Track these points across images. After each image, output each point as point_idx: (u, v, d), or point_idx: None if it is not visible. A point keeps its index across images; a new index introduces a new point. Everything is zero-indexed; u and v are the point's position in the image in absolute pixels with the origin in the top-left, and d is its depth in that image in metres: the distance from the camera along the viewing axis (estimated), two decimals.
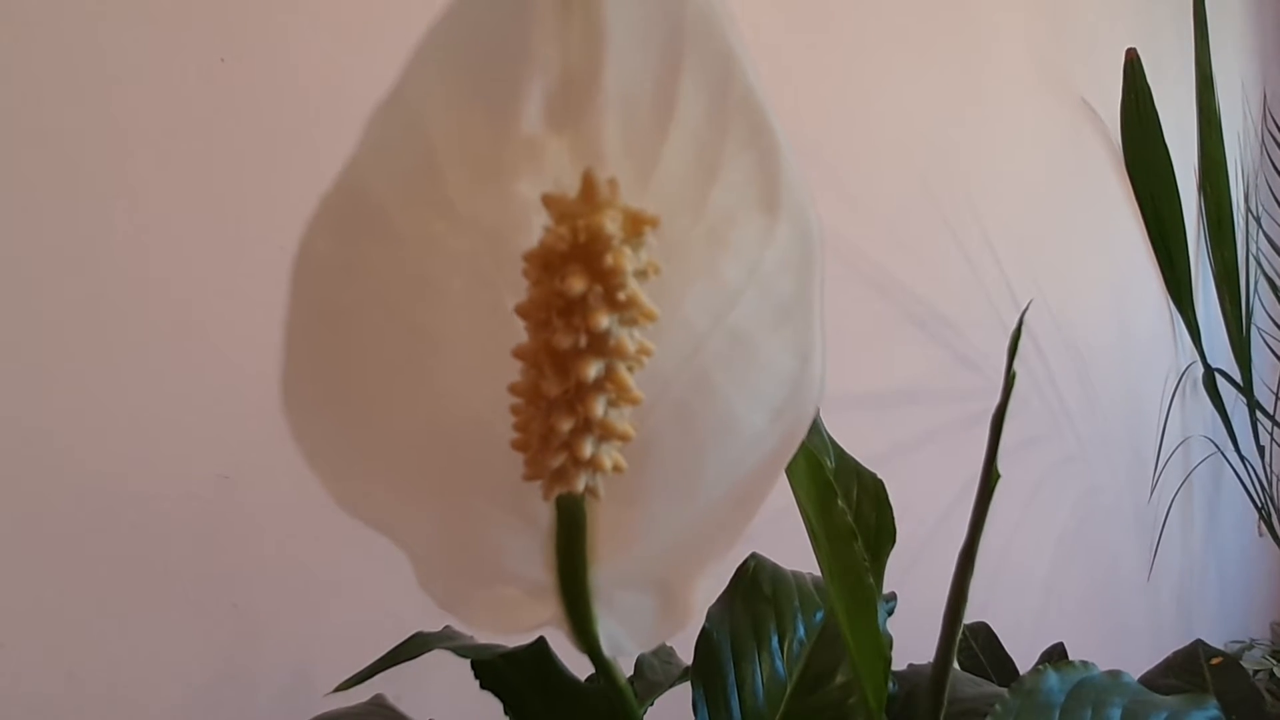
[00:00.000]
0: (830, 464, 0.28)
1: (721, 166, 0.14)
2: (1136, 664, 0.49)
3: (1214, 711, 0.24)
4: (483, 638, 0.32)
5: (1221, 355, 1.30)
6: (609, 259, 0.13)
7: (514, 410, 0.14)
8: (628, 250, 0.13)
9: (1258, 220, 1.49)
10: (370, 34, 0.56)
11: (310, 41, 0.54)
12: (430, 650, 0.31)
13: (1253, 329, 1.30)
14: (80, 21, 0.45)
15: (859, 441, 0.42)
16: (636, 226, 0.13)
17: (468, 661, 0.31)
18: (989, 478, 0.21)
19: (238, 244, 0.51)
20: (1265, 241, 1.45)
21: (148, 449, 0.47)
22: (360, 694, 0.35)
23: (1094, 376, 1.24)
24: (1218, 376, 1.25)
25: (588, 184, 0.13)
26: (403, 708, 0.36)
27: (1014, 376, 0.20)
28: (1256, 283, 1.38)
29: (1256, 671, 1.32)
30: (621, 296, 0.13)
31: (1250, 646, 1.46)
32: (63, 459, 0.44)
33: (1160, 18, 1.44)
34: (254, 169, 0.51)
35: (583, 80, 0.13)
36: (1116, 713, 0.23)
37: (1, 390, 0.42)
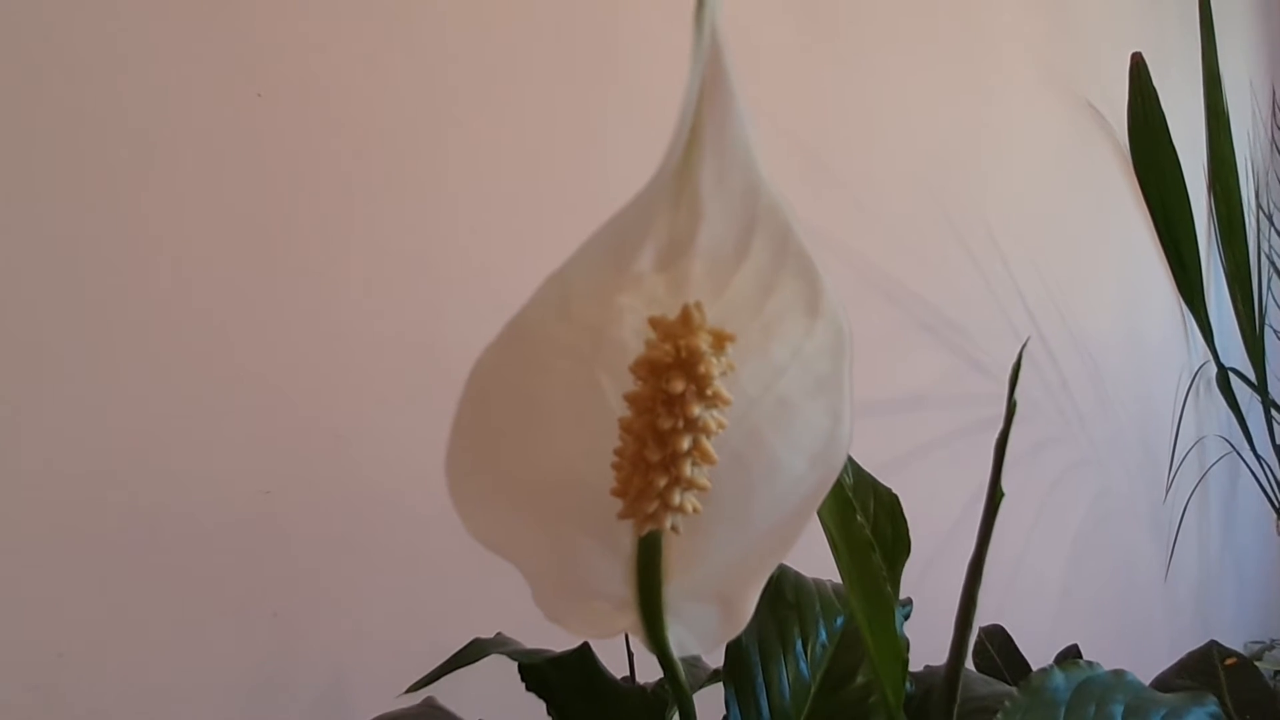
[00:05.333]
0: (849, 480, 0.30)
1: (777, 287, 0.19)
2: (1154, 665, 0.50)
3: (1213, 708, 0.25)
4: (529, 640, 0.34)
5: (1235, 354, 1.29)
6: (701, 368, 0.18)
7: (616, 468, 0.18)
8: (714, 359, 0.18)
9: (1269, 218, 1.49)
10: (399, 69, 0.58)
11: (342, 76, 0.56)
12: (488, 655, 0.33)
13: (1267, 328, 1.30)
14: (126, 59, 0.48)
15: (874, 448, 0.44)
16: (720, 343, 0.18)
17: (496, 668, 0.33)
18: (994, 496, 0.23)
19: (274, 270, 0.53)
20: (1278, 239, 1.44)
21: (192, 467, 0.49)
22: (399, 696, 0.37)
23: (1106, 378, 1.24)
24: (1231, 376, 1.25)
25: (686, 313, 0.18)
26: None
27: (1014, 406, 0.22)
28: (1269, 281, 1.38)
29: (1277, 672, 1.31)
30: (709, 392, 0.18)
31: (1271, 647, 1.45)
32: (113, 479, 0.46)
33: (1165, 18, 1.44)
34: (289, 198, 0.54)
35: (682, 243, 0.19)
36: (1119, 709, 0.24)
37: (55, 415, 0.45)
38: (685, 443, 0.17)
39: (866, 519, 0.28)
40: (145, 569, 0.47)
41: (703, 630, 0.20)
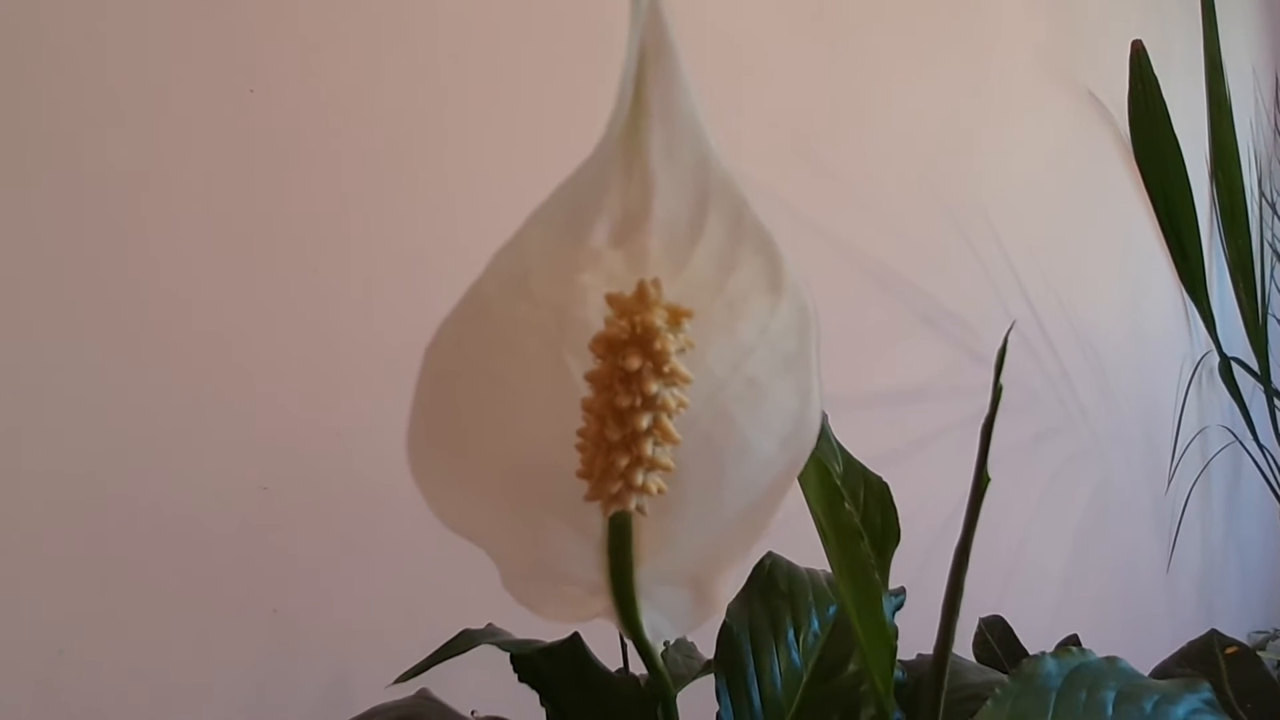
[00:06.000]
0: (838, 468, 0.30)
1: (737, 264, 0.19)
2: (1156, 656, 0.50)
3: (1207, 695, 0.25)
4: (522, 633, 0.34)
5: (1238, 344, 1.29)
6: (657, 344, 0.17)
7: (579, 448, 0.18)
8: (671, 336, 0.17)
9: (1272, 206, 1.48)
10: (395, 66, 0.58)
11: (337, 73, 0.56)
12: (477, 646, 0.33)
13: (1269, 317, 1.29)
14: (119, 56, 0.48)
15: (873, 440, 0.43)
16: (677, 318, 0.18)
17: (490, 659, 0.33)
18: (980, 482, 0.23)
19: (271, 268, 0.53)
20: None
21: (191, 465, 0.49)
22: (389, 687, 0.37)
23: (1107, 369, 1.24)
24: (1234, 365, 1.25)
25: (641, 289, 0.18)
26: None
27: (1000, 390, 0.22)
28: (1272, 269, 1.37)
29: None
30: (666, 369, 0.18)
31: (1274, 636, 1.44)
32: (112, 478, 0.46)
33: (1166, 5, 1.43)
34: (285, 196, 0.54)
35: (637, 216, 0.18)
36: (1111, 695, 0.24)
37: (53, 415, 0.45)
38: (644, 421, 0.17)
39: (856, 507, 0.28)
40: (145, 567, 0.47)
41: (677, 614, 0.20)
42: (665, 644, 0.37)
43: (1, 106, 0.44)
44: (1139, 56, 1.10)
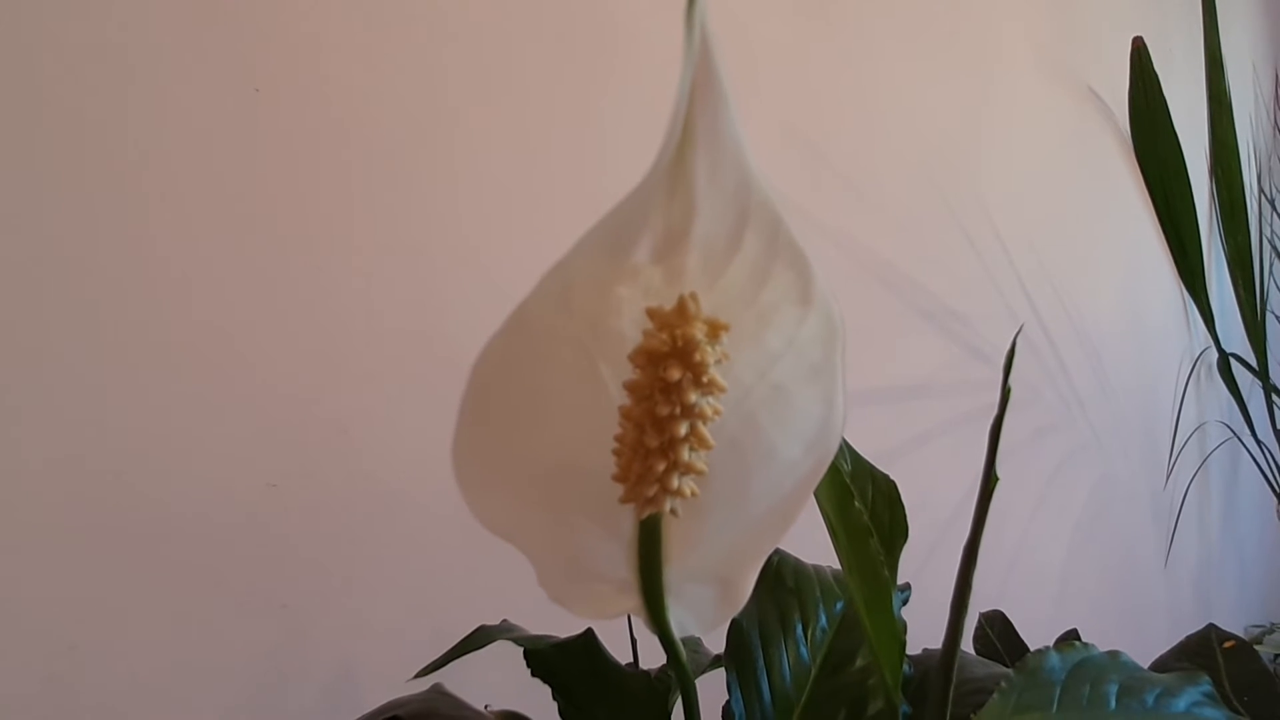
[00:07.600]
0: (847, 467, 0.30)
1: (770, 277, 0.20)
2: (1154, 650, 0.51)
3: (1207, 687, 0.26)
4: (533, 629, 0.35)
5: (1236, 340, 1.29)
6: (697, 356, 0.18)
7: (616, 454, 0.19)
8: (709, 348, 0.18)
9: (1272, 203, 1.48)
10: (396, 60, 0.58)
11: (339, 70, 0.56)
12: (494, 641, 0.34)
13: (1268, 313, 1.30)
14: (124, 55, 0.48)
15: (875, 436, 0.44)
16: (715, 332, 0.19)
17: (502, 654, 0.34)
18: (988, 481, 0.23)
19: (274, 264, 0.53)
20: (1279, 223, 1.44)
21: (198, 463, 0.49)
22: (408, 681, 0.37)
23: (1106, 365, 1.25)
24: (1233, 361, 1.25)
25: (682, 304, 0.19)
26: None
27: (1009, 391, 0.23)
28: (1271, 266, 1.37)
29: (1277, 655, 1.32)
30: (705, 380, 0.19)
31: (1271, 630, 1.45)
32: (120, 477, 0.47)
33: (1167, 2, 1.43)
34: (288, 192, 0.54)
35: (678, 235, 0.19)
36: (1113, 689, 0.25)
37: (60, 414, 0.45)
38: (683, 428, 0.18)
39: (865, 505, 0.29)
40: (155, 563, 0.48)
41: (702, 611, 0.21)
42: None
43: (8, 104, 0.44)
44: (1139, 53, 1.10)
